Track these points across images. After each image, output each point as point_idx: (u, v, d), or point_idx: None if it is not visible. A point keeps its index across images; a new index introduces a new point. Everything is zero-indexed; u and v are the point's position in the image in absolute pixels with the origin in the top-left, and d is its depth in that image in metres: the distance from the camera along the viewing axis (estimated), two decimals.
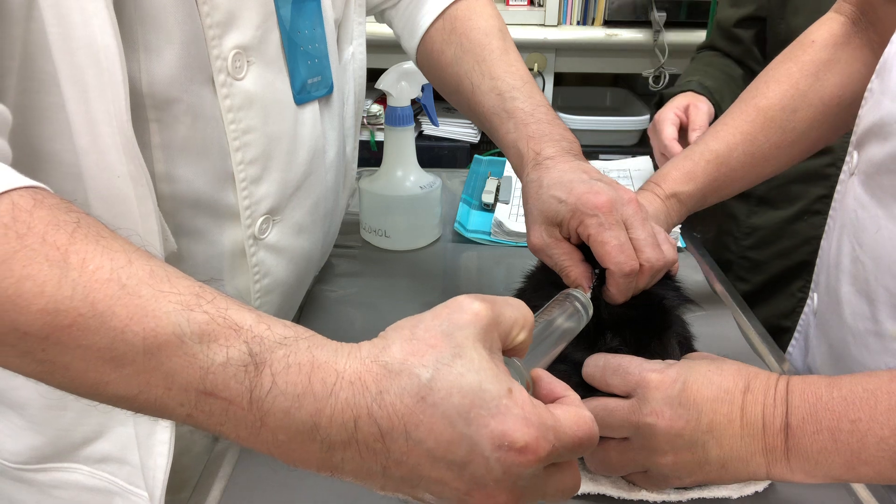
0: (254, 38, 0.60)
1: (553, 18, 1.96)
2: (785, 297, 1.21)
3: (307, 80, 0.67)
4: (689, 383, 0.53)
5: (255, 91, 0.61)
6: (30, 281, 0.37)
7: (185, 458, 0.70)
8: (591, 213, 0.59)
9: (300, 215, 0.70)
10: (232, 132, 0.60)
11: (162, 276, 0.39)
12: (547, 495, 0.41)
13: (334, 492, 0.59)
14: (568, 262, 0.61)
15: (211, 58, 0.57)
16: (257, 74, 0.61)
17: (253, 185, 0.63)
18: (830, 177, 1.12)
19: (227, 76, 0.59)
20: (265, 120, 0.63)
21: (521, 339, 0.42)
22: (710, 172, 0.78)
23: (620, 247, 0.58)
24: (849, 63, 0.76)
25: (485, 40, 0.76)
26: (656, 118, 1.08)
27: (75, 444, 0.64)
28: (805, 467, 0.51)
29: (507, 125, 0.70)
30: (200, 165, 0.60)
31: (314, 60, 0.68)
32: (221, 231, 0.64)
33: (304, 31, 0.65)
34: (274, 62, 0.63)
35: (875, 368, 0.63)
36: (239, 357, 0.38)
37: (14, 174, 0.40)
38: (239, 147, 0.61)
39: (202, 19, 0.56)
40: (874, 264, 0.63)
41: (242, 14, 0.58)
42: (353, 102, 0.83)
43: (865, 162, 0.65)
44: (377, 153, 1.47)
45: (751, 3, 1.20)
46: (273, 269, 0.69)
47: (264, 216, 0.66)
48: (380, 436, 0.37)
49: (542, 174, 0.64)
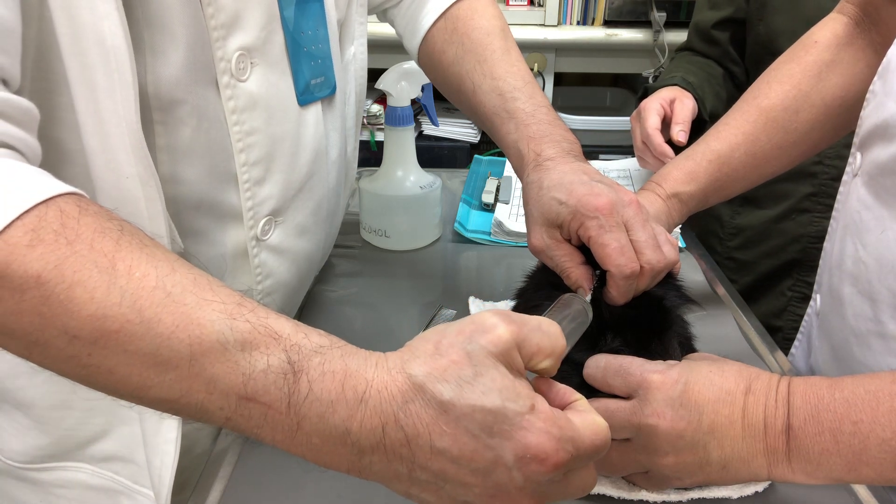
0: (258, 39, 0.60)
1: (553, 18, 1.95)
2: (774, 297, 1.20)
3: (310, 81, 0.67)
4: (690, 384, 0.53)
5: (259, 92, 0.61)
6: (80, 287, 0.38)
7: (186, 460, 0.69)
8: (591, 216, 0.59)
9: (303, 216, 0.70)
10: (235, 134, 0.60)
11: (205, 284, 0.41)
12: (567, 494, 0.43)
13: (334, 492, 0.59)
14: (569, 264, 0.61)
15: (215, 59, 0.57)
16: (261, 76, 0.61)
17: (256, 187, 0.63)
18: (817, 175, 1.12)
19: (231, 77, 0.58)
20: (268, 121, 0.62)
21: (543, 367, 0.43)
22: (712, 172, 0.77)
23: (621, 249, 0.58)
24: (851, 64, 0.76)
25: (486, 40, 0.76)
26: (641, 106, 1.08)
27: (80, 444, 0.64)
28: (806, 468, 0.51)
29: (507, 125, 0.70)
30: (204, 167, 0.60)
31: (317, 61, 0.67)
32: (224, 232, 0.64)
33: (308, 32, 0.65)
34: (277, 63, 0.63)
35: (878, 369, 0.63)
36: (279, 365, 0.39)
37: (54, 180, 0.41)
38: (242, 149, 0.61)
39: (207, 21, 0.56)
40: (877, 265, 0.63)
41: (246, 15, 0.58)
42: (355, 102, 0.82)
43: (869, 163, 0.65)
44: (377, 153, 1.47)
45: (729, 5, 1.20)
46: (275, 271, 0.69)
47: (267, 217, 0.66)
48: (406, 441, 0.39)
49: (542, 175, 0.64)
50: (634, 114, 1.09)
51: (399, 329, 0.81)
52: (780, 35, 1.09)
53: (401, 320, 0.82)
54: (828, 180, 1.11)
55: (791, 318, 1.18)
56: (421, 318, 0.82)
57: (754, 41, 1.17)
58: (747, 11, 1.17)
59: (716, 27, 1.22)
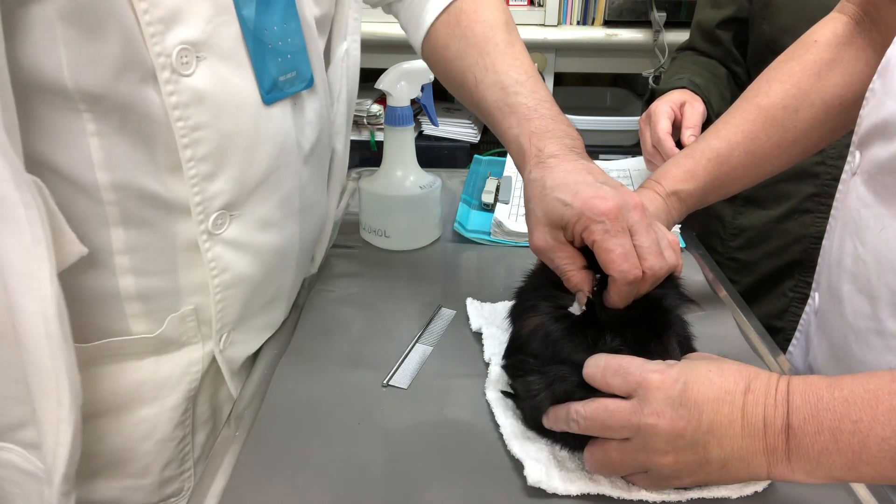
0: (203, 32, 0.58)
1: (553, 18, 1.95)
2: (776, 297, 1.20)
3: (278, 78, 0.65)
4: (690, 384, 0.53)
5: (206, 87, 0.59)
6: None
7: (147, 444, 0.70)
8: (597, 220, 0.58)
9: (265, 210, 0.69)
10: (180, 129, 0.59)
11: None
12: None
13: (334, 491, 0.59)
14: (570, 267, 0.61)
15: (152, 54, 0.56)
16: (209, 70, 0.59)
17: (205, 182, 0.62)
18: (820, 175, 1.11)
19: (173, 73, 0.57)
20: (218, 116, 0.61)
21: None
22: (711, 171, 0.77)
23: (625, 255, 0.57)
24: (851, 63, 0.76)
25: (489, 33, 0.75)
26: (651, 109, 1.07)
27: (10, 426, 0.64)
28: (806, 468, 0.51)
29: (509, 120, 0.70)
30: (142, 159, 0.59)
31: (286, 57, 0.66)
32: (172, 224, 0.64)
33: (273, 28, 0.63)
34: (230, 57, 0.61)
35: (877, 366, 0.63)
36: None
37: None
38: (188, 144, 0.60)
39: (139, 16, 0.54)
40: (877, 263, 0.63)
41: (189, 9, 0.57)
42: (346, 100, 0.82)
43: (869, 162, 0.65)
44: (377, 153, 1.47)
45: (731, 4, 1.20)
46: (233, 265, 0.68)
47: (220, 212, 0.64)
48: None
49: (545, 174, 0.63)
50: (644, 116, 1.09)
51: (398, 329, 0.81)
52: (785, 34, 1.09)
53: (400, 320, 0.82)
54: (830, 181, 1.10)
55: (792, 319, 1.18)
56: (420, 318, 0.82)
57: (757, 40, 1.16)
58: (749, 11, 1.17)
59: (719, 27, 1.22)
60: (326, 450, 0.63)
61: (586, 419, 0.56)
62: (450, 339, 0.79)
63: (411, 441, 0.64)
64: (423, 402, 0.69)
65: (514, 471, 0.61)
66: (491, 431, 0.65)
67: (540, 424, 0.61)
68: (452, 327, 0.81)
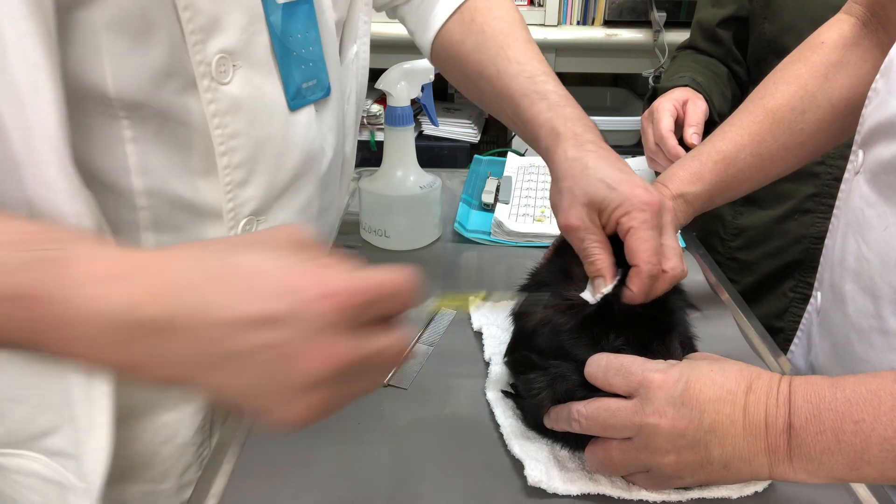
0: (239, 41, 0.59)
1: (553, 18, 1.96)
2: (776, 298, 1.20)
3: (302, 85, 0.66)
4: (691, 383, 0.53)
5: (242, 95, 0.60)
6: None
7: (167, 449, 0.70)
8: (640, 208, 0.59)
9: (287, 215, 0.69)
10: (217, 137, 0.60)
11: None
12: None
13: (334, 491, 0.59)
14: (597, 252, 0.61)
15: (193, 63, 0.56)
16: (244, 78, 0.60)
17: (238, 188, 0.63)
18: (820, 175, 1.11)
19: (212, 81, 0.58)
20: (252, 124, 0.62)
21: None
22: (718, 173, 0.77)
23: (655, 248, 0.59)
24: (858, 65, 0.76)
25: (508, 28, 0.77)
26: (654, 106, 1.07)
27: (33, 435, 0.64)
28: (808, 468, 0.51)
29: (539, 105, 0.70)
30: (178, 163, 0.60)
31: (308, 64, 0.67)
32: (202, 229, 0.64)
33: (297, 36, 0.64)
34: (262, 65, 0.62)
35: (879, 365, 0.63)
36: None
37: None
38: (225, 151, 0.60)
39: (183, 24, 0.55)
40: (880, 262, 0.62)
41: (227, 17, 0.57)
42: (355, 102, 0.82)
43: (872, 161, 0.65)
44: (377, 153, 1.47)
45: (732, 3, 1.20)
46: None
47: (248, 217, 0.65)
48: None
49: (586, 155, 0.64)
50: (646, 114, 1.09)
51: None
52: (786, 33, 1.09)
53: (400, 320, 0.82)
54: (830, 181, 1.10)
55: (792, 320, 1.18)
56: (420, 319, 0.82)
57: (758, 39, 1.16)
58: (750, 10, 1.17)
59: (720, 25, 1.21)
60: (326, 450, 0.63)
61: (588, 419, 0.56)
62: (450, 339, 0.79)
63: (411, 441, 0.64)
64: (424, 402, 0.69)
65: (514, 471, 0.61)
66: (491, 431, 0.65)
67: (540, 424, 0.61)
68: (452, 327, 0.81)
